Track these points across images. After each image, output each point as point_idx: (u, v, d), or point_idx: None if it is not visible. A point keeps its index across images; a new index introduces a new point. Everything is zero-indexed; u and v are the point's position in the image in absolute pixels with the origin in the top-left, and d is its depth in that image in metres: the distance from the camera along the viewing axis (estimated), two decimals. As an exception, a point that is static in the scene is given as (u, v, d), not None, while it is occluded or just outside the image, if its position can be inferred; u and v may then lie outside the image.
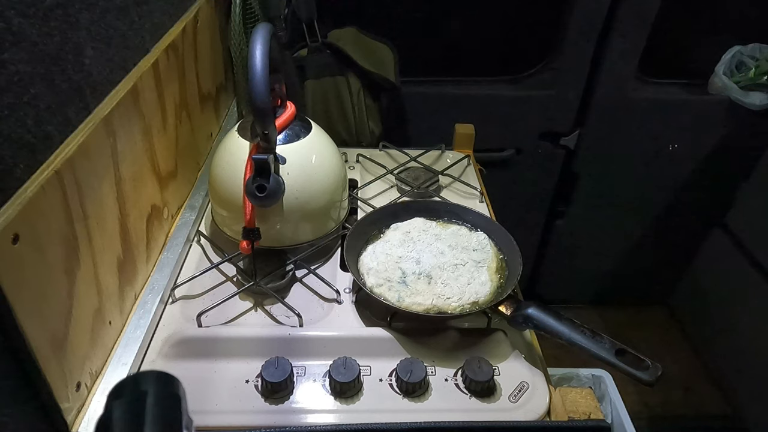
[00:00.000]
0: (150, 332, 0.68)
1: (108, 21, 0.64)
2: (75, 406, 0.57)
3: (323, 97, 1.22)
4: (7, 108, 0.47)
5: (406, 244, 0.77)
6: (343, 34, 1.27)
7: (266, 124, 0.67)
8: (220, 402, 0.61)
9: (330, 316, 0.73)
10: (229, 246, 0.81)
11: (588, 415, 0.59)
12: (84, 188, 0.57)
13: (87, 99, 0.59)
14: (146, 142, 0.73)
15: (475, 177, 1.05)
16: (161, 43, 0.78)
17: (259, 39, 0.65)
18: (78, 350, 0.57)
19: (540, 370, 0.66)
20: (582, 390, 0.62)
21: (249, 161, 0.71)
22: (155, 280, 0.74)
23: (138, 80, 0.69)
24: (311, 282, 0.78)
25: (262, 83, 0.64)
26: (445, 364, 0.66)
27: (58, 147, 0.54)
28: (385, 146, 1.11)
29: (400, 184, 0.99)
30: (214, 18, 1.02)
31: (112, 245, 0.65)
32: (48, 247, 0.51)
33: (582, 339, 0.62)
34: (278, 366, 0.62)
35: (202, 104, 0.96)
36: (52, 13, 0.53)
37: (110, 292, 0.64)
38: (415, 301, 0.68)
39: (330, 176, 0.79)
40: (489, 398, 0.63)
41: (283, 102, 0.78)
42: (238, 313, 0.73)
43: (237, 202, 0.74)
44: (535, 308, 0.65)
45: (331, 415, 0.61)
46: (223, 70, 1.09)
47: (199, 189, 0.92)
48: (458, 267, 0.73)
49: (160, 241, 0.80)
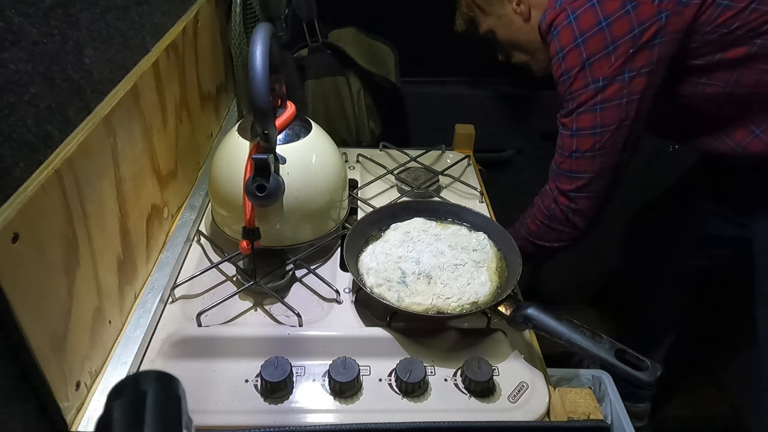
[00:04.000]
0: (150, 332, 0.68)
1: (108, 20, 0.64)
2: (74, 406, 0.57)
3: (323, 97, 1.22)
4: (8, 107, 0.47)
5: (405, 244, 0.77)
6: (343, 34, 1.27)
7: (266, 124, 0.67)
8: (219, 402, 0.61)
9: (330, 316, 0.73)
10: (229, 246, 0.81)
11: (587, 416, 0.59)
12: (84, 188, 0.57)
13: (87, 98, 0.59)
14: (146, 141, 0.73)
15: (475, 177, 1.05)
16: (161, 42, 0.78)
17: (259, 39, 0.65)
18: (78, 349, 0.57)
19: (539, 371, 0.66)
20: (582, 390, 0.62)
21: (249, 161, 0.71)
22: (155, 279, 0.74)
23: (138, 80, 0.69)
24: (311, 282, 0.78)
25: (262, 83, 0.64)
26: (444, 364, 0.66)
27: (58, 146, 0.54)
28: (385, 146, 1.11)
29: (400, 184, 0.99)
30: (215, 18, 1.02)
31: (112, 245, 0.65)
32: (48, 247, 0.51)
33: (581, 339, 0.62)
34: (278, 366, 0.62)
35: (202, 104, 0.96)
36: (53, 12, 0.53)
37: (110, 292, 0.65)
38: (415, 301, 0.68)
39: (330, 176, 0.79)
40: (488, 398, 0.63)
41: (283, 102, 0.79)
42: (238, 312, 0.73)
43: (237, 201, 0.74)
44: (535, 308, 0.65)
45: (331, 415, 0.61)
46: (223, 70, 1.09)
47: (199, 189, 0.92)
48: (458, 267, 0.73)
49: (160, 240, 0.80)
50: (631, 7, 0.83)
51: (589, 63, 0.86)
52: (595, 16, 0.84)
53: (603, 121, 0.89)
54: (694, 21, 0.84)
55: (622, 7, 0.83)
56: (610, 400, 1.25)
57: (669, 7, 0.83)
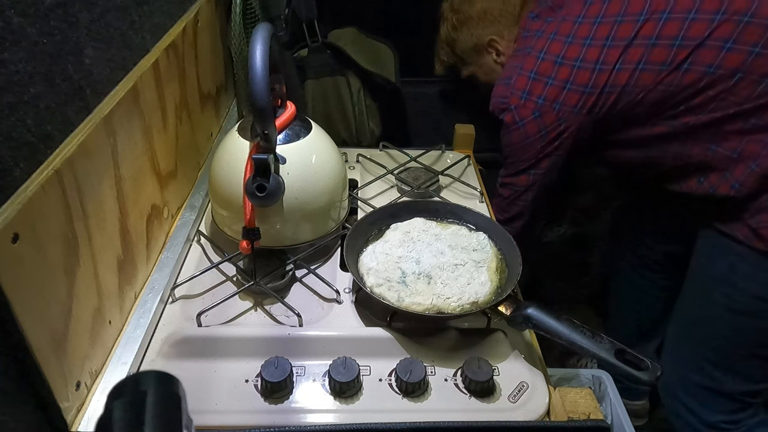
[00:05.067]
0: (150, 332, 0.68)
1: (108, 20, 0.64)
2: (74, 406, 0.57)
3: (323, 97, 1.22)
4: (7, 107, 0.47)
5: (405, 244, 0.77)
6: (343, 34, 1.27)
7: (266, 124, 0.67)
8: (219, 402, 0.61)
9: (330, 316, 0.73)
10: (229, 246, 0.81)
11: (588, 416, 0.59)
12: (84, 188, 0.57)
13: (87, 98, 0.59)
14: (146, 141, 0.73)
15: (475, 177, 1.05)
16: (161, 42, 0.78)
17: (259, 39, 0.65)
18: (78, 349, 0.57)
19: (539, 370, 0.66)
20: (582, 390, 0.62)
21: (249, 161, 0.71)
22: (155, 279, 0.74)
23: (138, 80, 0.69)
24: (311, 282, 0.78)
25: (262, 83, 0.64)
26: (444, 364, 0.66)
27: (58, 146, 0.54)
28: (385, 146, 1.11)
29: (400, 184, 0.99)
30: (215, 18, 1.02)
31: (112, 245, 0.65)
32: (48, 247, 0.51)
33: (582, 339, 0.62)
34: (278, 366, 0.62)
35: (202, 104, 0.96)
36: (52, 12, 0.53)
37: (110, 292, 0.65)
38: (415, 301, 0.68)
39: (330, 176, 0.79)
40: (488, 398, 0.63)
41: (283, 102, 0.79)
42: (238, 312, 0.73)
43: (237, 201, 0.74)
44: (535, 308, 0.65)
45: (331, 415, 0.61)
46: (223, 70, 1.09)
47: (199, 189, 0.92)
48: (458, 267, 0.73)
49: (160, 240, 0.80)
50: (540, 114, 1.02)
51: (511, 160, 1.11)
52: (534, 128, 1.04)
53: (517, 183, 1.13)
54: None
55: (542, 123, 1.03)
56: (610, 399, 1.26)
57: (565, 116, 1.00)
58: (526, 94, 1.02)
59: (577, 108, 0.99)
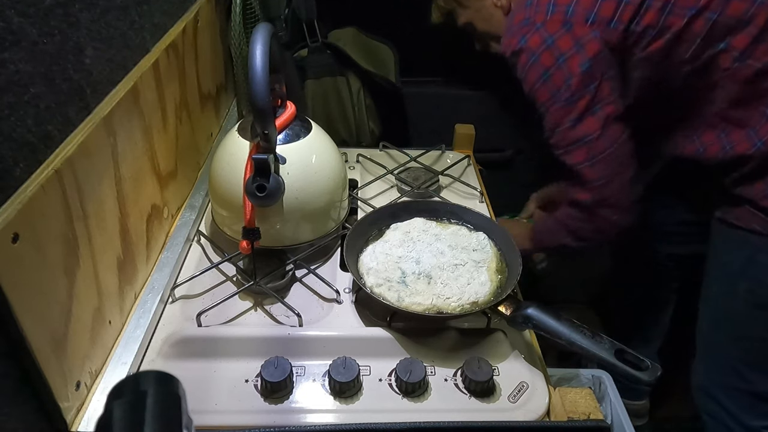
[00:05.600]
0: (150, 332, 0.68)
1: (108, 20, 0.64)
2: (74, 406, 0.57)
3: (323, 97, 1.22)
4: (8, 107, 0.47)
5: (406, 244, 0.77)
6: (343, 34, 1.27)
7: (266, 124, 0.67)
8: (219, 402, 0.61)
9: (330, 316, 0.73)
10: (229, 246, 0.81)
11: (588, 416, 0.59)
12: (84, 188, 0.57)
13: (87, 98, 0.59)
14: (146, 141, 0.73)
15: (475, 177, 1.05)
16: (161, 42, 0.78)
17: (259, 39, 0.65)
18: (78, 349, 0.57)
19: (539, 370, 0.66)
20: (582, 390, 0.62)
21: (249, 161, 0.71)
22: (155, 279, 0.74)
23: (138, 80, 0.69)
24: (311, 282, 0.78)
25: (262, 83, 0.64)
26: (444, 364, 0.66)
27: (58, 146, 0.54)
28: (385, 146, 1.11)
29: (400, 184, 0.99)
30: (215, 18, 1.02)
31: (112, 245, 0.65)
32: (48, 247, 0.51)
33: (581, 339, 0.62)
34: (278, 366, 0.62)
35: (202, 104, 0.96)
36: (53, 12, 0.53)
37: (110, 292, 0.65)
38: (415, 301, 0.68)
39: (330, 176, 0.79)
40: (488, 398, 0.63)
41: (283, 102, 0.79)
42: (238, 312, 0.73)
43: (237, 201, 0.74)
44: (535, 308, 0.65)
45: (331, 415, 0.61)
46: (223, 70, 1.09)
47: (199, 189, 0.92)
48: (458, 267, 0.73)
49: (160, 240, 0.80)
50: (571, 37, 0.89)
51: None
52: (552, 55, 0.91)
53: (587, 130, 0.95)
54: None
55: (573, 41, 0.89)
56: (610, 399, 1.25)
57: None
58: (552, 6, 0.90)
59: (614, 21, 0.88)
